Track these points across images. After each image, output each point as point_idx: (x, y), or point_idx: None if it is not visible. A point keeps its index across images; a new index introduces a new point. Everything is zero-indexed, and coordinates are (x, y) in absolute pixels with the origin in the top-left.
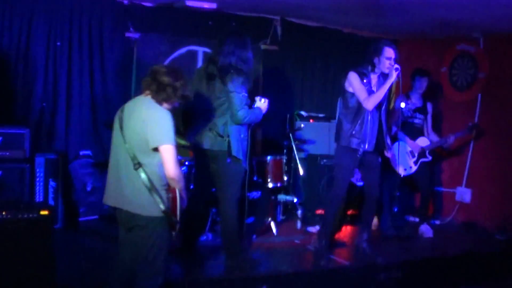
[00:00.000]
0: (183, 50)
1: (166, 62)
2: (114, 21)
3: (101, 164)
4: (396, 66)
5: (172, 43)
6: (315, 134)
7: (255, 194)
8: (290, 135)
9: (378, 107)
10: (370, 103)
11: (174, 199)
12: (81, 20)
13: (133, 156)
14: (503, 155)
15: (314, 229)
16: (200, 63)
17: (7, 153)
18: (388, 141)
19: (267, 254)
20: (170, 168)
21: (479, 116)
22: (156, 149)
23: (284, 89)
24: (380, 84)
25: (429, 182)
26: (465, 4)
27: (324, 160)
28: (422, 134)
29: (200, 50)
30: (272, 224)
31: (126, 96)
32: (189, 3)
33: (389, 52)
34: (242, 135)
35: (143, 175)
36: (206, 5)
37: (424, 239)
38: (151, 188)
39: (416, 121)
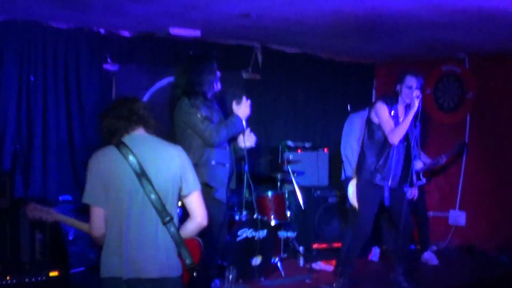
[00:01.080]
0: (164, 81)
1: (147, 95)
2: (90, 52)
3: (82, 209)
4: (417, 93)
5: (152, 75)
6: (303, 165)
7: (261, 234)
8: (289, 167)
9: (406, 139)
10: (395, 137)
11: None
12: (56, 51)
13: (162, 209)
14: (496, 175)
15: (318, 266)
16: None
17: None
18: (414, 178)
19: None
20: (204, 214)
21: (469, 136)
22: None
23: (268, 119)
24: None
25: (425, 206)
26: (458, 24)
27: (318, 192)
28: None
29: None
30: (279, 264)
31: None
32: (173, 31)
33: (410, 81)
34: (213, 162)
35: (172, 229)
36: (190, 33)
37: (431, 267)
38: (180, 243)
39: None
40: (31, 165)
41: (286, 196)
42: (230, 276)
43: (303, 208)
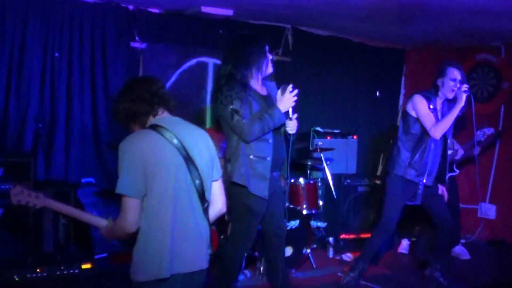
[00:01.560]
0: (192, 61)
1: (175, 74)
2: (118, 29)
3: (105, 192)
4: (465, 87)
5: (180, 54)
6: (333, 152)
7: (293, 224)
8: (321, 154)
9: (444, 135)
10: (438, 131)
11: None
12: (82, 27)
13: (203, 195)
14: None
15: (348, 257)
16: (210, 76)
17: (10, 186)
18: (447, 174)
19: None
20: (225, 201)
21: (502, 128)
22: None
23: (297, 103)
24: (444, 111)
25: (458, 198)
26: (498, 10)
27: (348, 181)
28: None
29: (211, 61)
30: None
31: None
32: (204, 10)
33: (453, 73)
34: (251, 156)
35: (207, 216)
36: (222, 12)
37: (463, 261)
38: (210, 232)
39: None
40: (53, 145)
41: (319, 184)
42: (261, 268)
43: (335, 197)
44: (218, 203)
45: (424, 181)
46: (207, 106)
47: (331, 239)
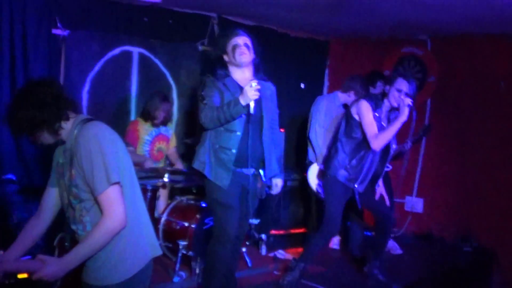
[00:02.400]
0: (116, 50)
1: (99, 64)
2: (39, 15)
3: (26, 190)
4: (409, 101)
5: (104, 42)
6: None
7: None
8: None
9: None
10: (377, 143)
11: None
12: (0, 13)
13: None
14: (455, 162)
15: (282, 255)
16: (135, 66)
17: None
18: (380, 182)
19: None
20: None
21: (429, 121)
22: None
23: None
24: (389, 118)
25: (391, 193)
26: (427, 3)
27: None
28: None
29: (135, 50)
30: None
31: None
32: None
33: (401, 84)
34: (217, 145)
35: None
36: None
37: (396, 256)
38: None
39: None
40: None
41: None
42: (197, 268)
43: (267, 191)
44: None
45: (356, 186)
46: (131, 97)
47: (263, 236)
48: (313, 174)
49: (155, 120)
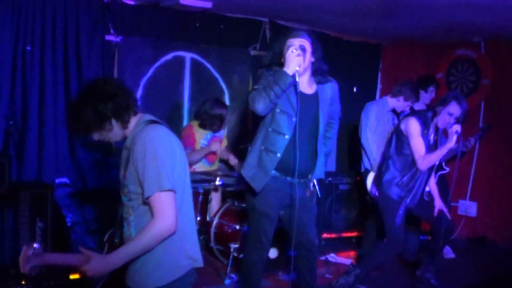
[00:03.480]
0: (169, 56)
1: (151, 69)
2: (92, 21)
3: (80, 193)
4: (458, 128)
5: (156, 48)
6: None
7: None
8: None
9: None
10: (424, 164)
11: None
12: (55, 20)
13: None
14: (510, 165)
15: (334, 258)
16: (187, 71)
17: None
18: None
19: None
20: None
21: (483, 123)
22: None
23: None
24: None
25: (448, 196)
26: (478, 6)
27: (329, 179)
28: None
29: (188, 55)
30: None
31: None
32: (183, 1)
33: (454, 108)
34: (263, 147)
35: None
36: (201, 4)
37: (449, 260)
38: None
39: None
40: (26, 144)
41: None
42: None
43: (319, 195)
44: None
45: (408, 202)
46: (184, 101)
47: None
48: (370, 181)
49: (214, 126)
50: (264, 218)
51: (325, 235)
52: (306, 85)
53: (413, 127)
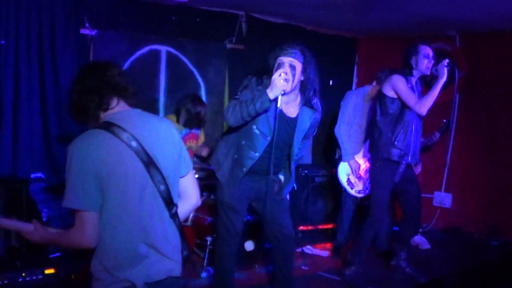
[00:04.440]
0: (144, 49)
1: (127, 63)
2: (67, 15)
3: (55, 188)
4: (446, 62)
5: (132, 42)
6: None
7: (255, 217)
8: None
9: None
10: (423, 107)
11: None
12: (30, 13)
13: (170, 199)
14: (484, 157)
15: (310, 250)
16: (163, 64)
17: None
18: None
19: None
20: (198, 193)
21: (457, 117)
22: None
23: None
24: (418, 89)
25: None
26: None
27: (305, 171)
28: None
29: (163, 49)
30: None
31: None
32: None
33: (426, 50)
34: (226, 149)
35: (177, 221)
36: None
37: (424, 250)
38: (183, 235)
39: None
40: (0, 139)
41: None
42: None
43: (295, 188)
44: (192, 198)
45: (409, 159)
46: (160, 95)
47: None
48: (341, 171)
49: (192, 124)
50: (231, 211)
51: (301, 228)
52: (290, 106)
53: (398, 81)
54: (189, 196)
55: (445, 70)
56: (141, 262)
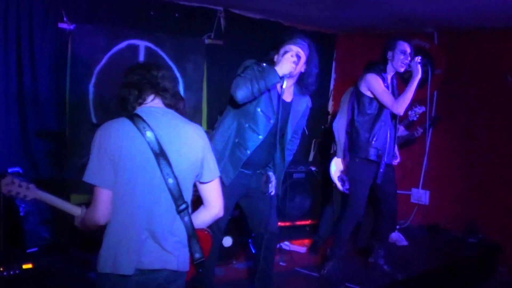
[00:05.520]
0: (123, 44)
1: (105, 57)
2: (45, 9)
3: (34, 182)
4: (419, 59)
5: (110, 36)
6: None
7: (234, 212)
8: None
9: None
10: (400, 107)
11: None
12: (7, 7)
13: (179, 195)
14: (461, 154)
15: (288, 246)
16: (142, 59)
17: None
18: (396, 149)
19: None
20: (222, 204)
21: (436, 113)
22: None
23: (229, 86)
24: (394, 83)
25: (395, 183)
26: None
27: None
28: None
29: (142, 44)
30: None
31: (59, 97)
32: None
33: (403, 46)
34: (223, 138)
35: (186, 219)
36: None
37: (401, 247)
38: (193, 234)
39: None
40: None
41: None
42: None
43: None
44: (214, 207)
45: (385, 159)
46: None
47: None
48: (335, 166)
49: None
50: None
51: (279, 224)
52: (287, 92)
53: (373, 80)
54: (211, 204)
55: (419, 67)
56: (138, 246)
